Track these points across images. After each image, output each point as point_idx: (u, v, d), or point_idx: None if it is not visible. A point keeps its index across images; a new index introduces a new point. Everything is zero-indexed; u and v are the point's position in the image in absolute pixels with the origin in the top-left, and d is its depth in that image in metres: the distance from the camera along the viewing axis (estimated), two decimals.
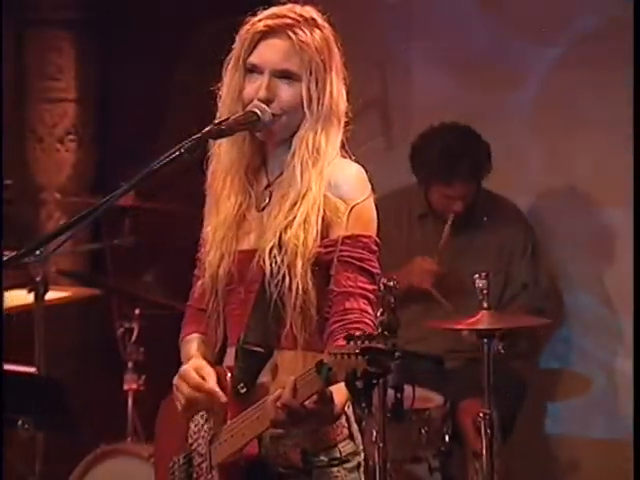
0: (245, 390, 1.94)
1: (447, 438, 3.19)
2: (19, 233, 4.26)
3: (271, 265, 1.92)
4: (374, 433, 2.70)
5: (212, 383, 1.94)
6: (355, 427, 2.00)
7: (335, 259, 1.92)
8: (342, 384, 1.79)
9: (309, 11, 1.98)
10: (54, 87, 4.38)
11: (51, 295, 3.53)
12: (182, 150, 1.86)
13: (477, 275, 2.83)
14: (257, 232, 1.99)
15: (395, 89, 4.07)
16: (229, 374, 1.97)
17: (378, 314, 2.64)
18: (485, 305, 2.83)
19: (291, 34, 1.93)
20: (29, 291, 3.42)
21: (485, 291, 2.82)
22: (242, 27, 1.98)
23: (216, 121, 1.94)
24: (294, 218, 1.93)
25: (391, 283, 2.68)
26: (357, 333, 1.72)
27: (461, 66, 3.96)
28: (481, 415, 2.80)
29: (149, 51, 4.27)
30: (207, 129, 1.91)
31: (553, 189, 3.92)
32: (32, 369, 3.24)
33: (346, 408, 1.97)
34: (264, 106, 1.94)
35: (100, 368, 3.88)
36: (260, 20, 1.96)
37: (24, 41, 4.39)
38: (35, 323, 3.38)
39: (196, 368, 1.96)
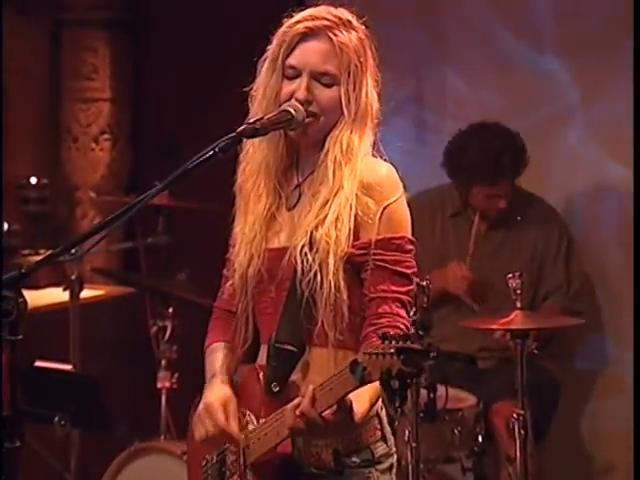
0: (278, 389, 1.95)
1: (480, 438, 3.17)
2: (54, 232, 4.30)
3: (302, 263, 1.92)
4: (407, 433, 2.69)
5: (234, 425, 1.95)
6: (388, 429, 2.00)
7: (368, 263, 1.92)
8: (364, 393, 1.81)
9: (344, 13, 1.98)
10: (89, 87, 4.41)
11: (86, 293, 3.56)
12: (216, 149, 1.86)
13: (510, 275, 2.81)
14: (287, 231, 1.99)
15: (429, 89, 4.07)
16: (261, 373, 1.98)
17: (411, 313, 2.66)
18: (519, 305, 2.81)
19: (331, 36, 1.93)
20: (64, 289, 3.46)
21: (519, 291, 2.80)
22: (279, 28, 1.98)
23: (250, 120, 1.94)
24: (325, 216, 1.93)
25: (424, 283, 2.68)
26: (392, 332, 1.72)
27: (493, 67, 3.95)
28: (515, 416, 2.79)
29: (183, 51, 4.30)
30: (241, 128, 1.90)
31: (583, 187, 3.90)
32: (68, 366, 3.27)
33: (379, 410, 1.97)
34: (298, 104, 1.93)
35: (133, 366, 3.90)
36: (299, 22, 1.96)
37: (59, 41, 4.43)
38: (70, 321, 3.42)
39: (223, 403, 1.97)
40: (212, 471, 2.04)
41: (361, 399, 1.84)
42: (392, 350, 1.67)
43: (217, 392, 1.99)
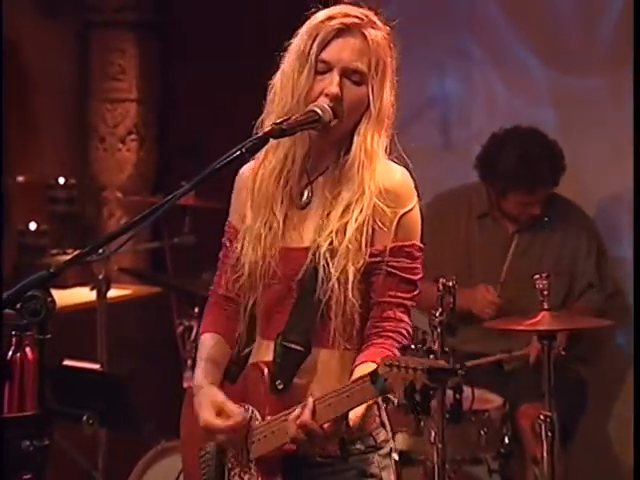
0: (282, 387, 1.95)
1: (507, 440, 3.16)
2: (82, 231, 4.33)
3: (322, 270, 1.92)
4: (433, 434, 2.68)
5: (236, 416, 1.94)
6: (385, 415, 2.02)
7: (378, 268, 1.93)
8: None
9: (369, 13, 1.97)
10: (116, 87, 4.44)
11: (113, 293, 3.58)
12: (243, 150, 1.86)
13: (538, 276, 2.79)
14: (300, 230, 1.98)
15: (455, 88, 4.05)
16: (266, 370, 1.97)
17: (437, 314, 2.66)
18: (546, 306, 2.79)
19: (365, 32, 1.94)
20: (92, 289, 3.48)
21: (546, 292, 2.79)
22: (309, 22, 1.97)
23: (277, 120, 1.92)
24: (347, 222, 1.93)
25: (450, 283, 2.68)
26: (405, 342, 1.76)
27: (518, 66, 3.94)
28: (541, 417, 2.77)
29: (209, 52, 4.31)
30: (268, 129, 1.90)
31: (615, 191, 3.87)
32: (96, 366, 3.29)
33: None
34: (324, 105, 1.92)
35: (160, 365, 3.92)
36: (333, 17, 1.95)
37: (87, 42, 4.46)
38: (97, 320, 3.44)
39: (217, 409, 1.97)
40: (212, 462, 2.04)
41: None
42: (421, 367, 1.67)
43: (208, 405, 1.99)
